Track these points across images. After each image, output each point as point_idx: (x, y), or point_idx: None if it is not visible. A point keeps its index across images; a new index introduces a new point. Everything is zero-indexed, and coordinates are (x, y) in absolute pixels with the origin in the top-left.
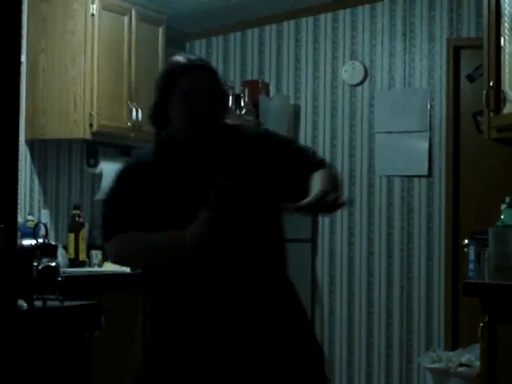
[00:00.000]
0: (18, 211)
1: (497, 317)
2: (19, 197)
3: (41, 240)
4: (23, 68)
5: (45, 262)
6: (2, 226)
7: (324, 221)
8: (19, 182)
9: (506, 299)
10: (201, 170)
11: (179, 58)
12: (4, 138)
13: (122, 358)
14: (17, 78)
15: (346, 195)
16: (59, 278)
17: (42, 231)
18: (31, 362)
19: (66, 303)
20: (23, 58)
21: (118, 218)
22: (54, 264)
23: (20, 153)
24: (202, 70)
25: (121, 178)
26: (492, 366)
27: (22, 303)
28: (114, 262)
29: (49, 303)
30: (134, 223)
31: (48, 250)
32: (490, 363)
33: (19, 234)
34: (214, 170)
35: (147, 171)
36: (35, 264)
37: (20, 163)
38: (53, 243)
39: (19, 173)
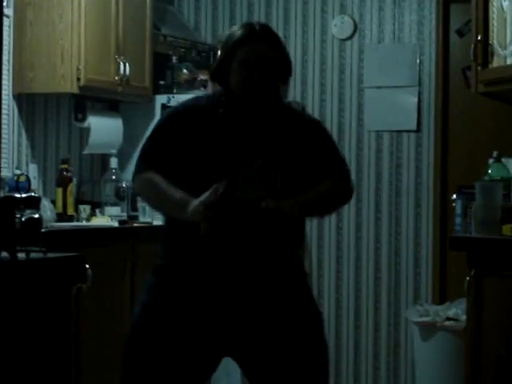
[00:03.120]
0: (6, 165)
1: (483, 271)
2: (7, 151)
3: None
4: (10, 22)
5: (28, 213)
6: None
7: None
8: (7, 136)
9: (492, 253)
10: (238, 140)
11: (241, 28)
12: None
13: (110, 313)
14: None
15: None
16: (43, 230)
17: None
18: (15, 313)
19: (50, 255)
20: (10, 11)
21: (154, 156)
22: (37, 216)
23: (7, 107)
24: (261, 41)
25: (169, 117)
26: (478, 320)
27: (5, 255)
28: (137, 195)
29: (32, 255)
30: (166, 165)
31: (31, 202)
32: (477, 317)
33: (7, 187)
34: (251, 143)
35: (195, 118)
36: (18, 216)
37: (7, 117)
38: (36, 195)
39: (6, 127)
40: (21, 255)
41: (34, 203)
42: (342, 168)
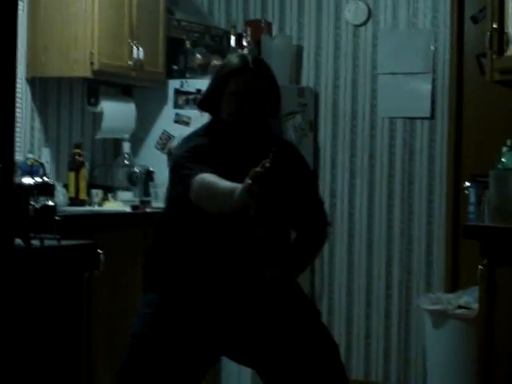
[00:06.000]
0: (19, 149)
1: (496, 259)
2: (20, 135)
3: (38, 179)
4: (24, 6)
5: (42, 200)
6: None
7: (325, 160)
8: (20, 120)
9: (505, 242)
10: (232, 167)
11: (235, 59)
12: (2, 76)
13: (122, 297)
14: (14, 14)
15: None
16: (57, 217)
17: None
18: (29, 301)
19: (64, 242)
20: None
21: (195, 163)
22: (51, 203)
23: (21, 91)
24: (253, 74)
25: (194, 147)
26: (490, 309)
27: (20, 242)
28: (197, 205)
29: (46, 242)
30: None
31: (46, 189)
32: (489, 305)
33: (19, 172)
34: (242, 171)
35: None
36: (32, 203)
37: (21, 101)
38: (51, 182)
39: (19, 111)
40: (35, 242)
41: (48, 190)
42: (321, 211)
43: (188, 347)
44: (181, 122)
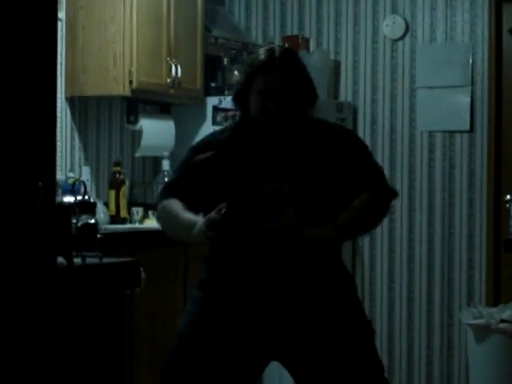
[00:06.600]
0: (59, 168)
1: None
2: (60, 154)
3: (80, 197)
4: (63, 25)
5: (84, 219)
6: (40, 183)
7: None
8: (60, 139)
9: None
10: (258, 164)
11: (262, 54)
12: (42, 95)
13: (163, 314)
14: (54, 34)
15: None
16: (98, 235)
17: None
18: (71, 319)
19: (105, 260)
20: (62, 15)
21: (174, 185)
22: (93, 221)
23: (60, 110)
24: (278, 70)
25: (195, 148)
26: None
27: (62, 260)
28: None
29: (88, 260)
30: (189, 192)
31: (87, 207)
32: None
33: (60, 191)
34: (276, 164)
35: (217, 147)
36: (74, 221)
37: (60, 120)
38: (92, 200)
39: (59, 130)
40: (77, 260)
41: (89, 208)
42: (377, 178)
43: (229, 348)
44: None
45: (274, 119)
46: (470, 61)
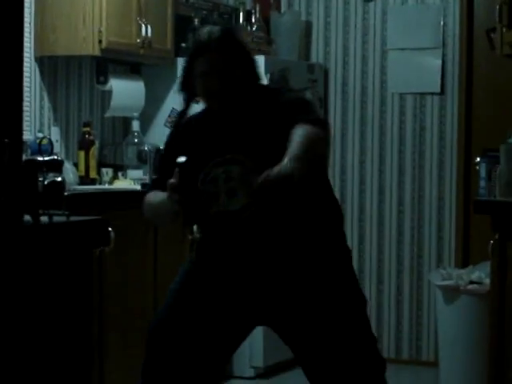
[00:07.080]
0: (28, 129)
1: (507, 234)
2: (29, 114)
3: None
4: None
5: (51, 177)
6: (6, 140)
7: (335, 136)
8: (29, 99)
9: None
10: (213, 150)
11: (201, 36)
12: (9, 54)
13: (133, 275)
14: None
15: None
16: (66, 193)
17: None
18: (38, 277)
19: (73, 218)
20: None
21: (157, 176)
22: (59, 179)
23: (29, 70)
24: (216, 51)
25: (167, 145)
26: (502, 283)
27: (28, 218)
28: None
29: (55, 218)
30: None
31: (54, 165)
32: (500, 280)
33: (29, 151)
34: (223, 150)
35: (189, 130)
36: (41, 179)
37: (29, 80)
38: (59, 158)
39: (29, 90)
40: (44, 218)
41: (56, 166)
42: (313, 116)
43: (215, 310)
44: None
45: (219, 99)
46: (442, 22)
